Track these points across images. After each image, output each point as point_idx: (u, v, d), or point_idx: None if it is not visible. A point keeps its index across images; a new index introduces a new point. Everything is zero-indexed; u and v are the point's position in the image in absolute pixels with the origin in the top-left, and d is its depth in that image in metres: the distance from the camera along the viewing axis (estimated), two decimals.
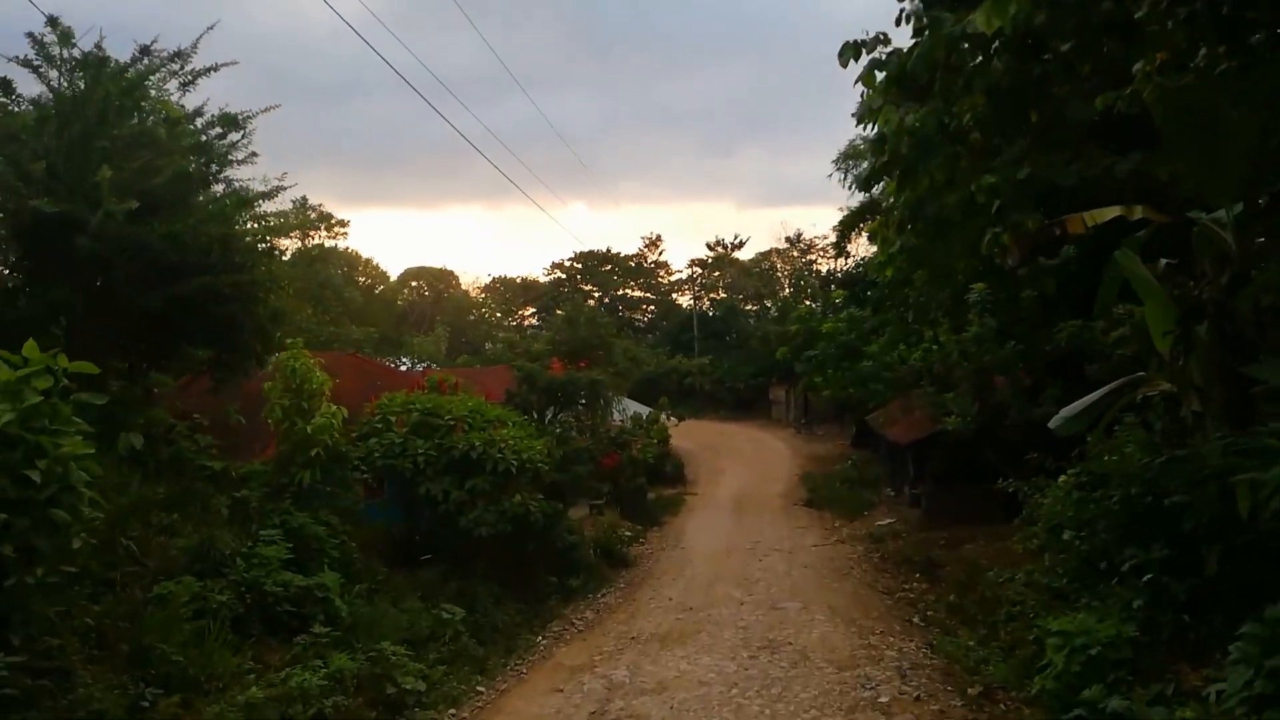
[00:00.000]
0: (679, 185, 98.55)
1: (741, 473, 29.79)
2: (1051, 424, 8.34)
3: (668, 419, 26.19)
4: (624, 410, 23.00)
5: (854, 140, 28.58)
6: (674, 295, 63.22)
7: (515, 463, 12.71)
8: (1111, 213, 7.66)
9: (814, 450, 34.81)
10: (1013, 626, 9.05)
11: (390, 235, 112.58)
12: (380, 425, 13.09)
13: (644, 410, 29.00)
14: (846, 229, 32.24)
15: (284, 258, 13.99)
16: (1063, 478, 9.93)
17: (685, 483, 28.23)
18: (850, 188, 29.72)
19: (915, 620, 11.69)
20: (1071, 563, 8.81)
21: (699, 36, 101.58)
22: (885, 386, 16.85)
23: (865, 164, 27.67)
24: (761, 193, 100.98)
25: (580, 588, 14.79)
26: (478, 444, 12.58)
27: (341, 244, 47.35)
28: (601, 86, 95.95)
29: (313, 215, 48.84)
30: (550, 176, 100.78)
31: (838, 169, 29.56)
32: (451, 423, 12.97)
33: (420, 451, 12.61)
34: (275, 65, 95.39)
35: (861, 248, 35.12)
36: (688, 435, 39.84)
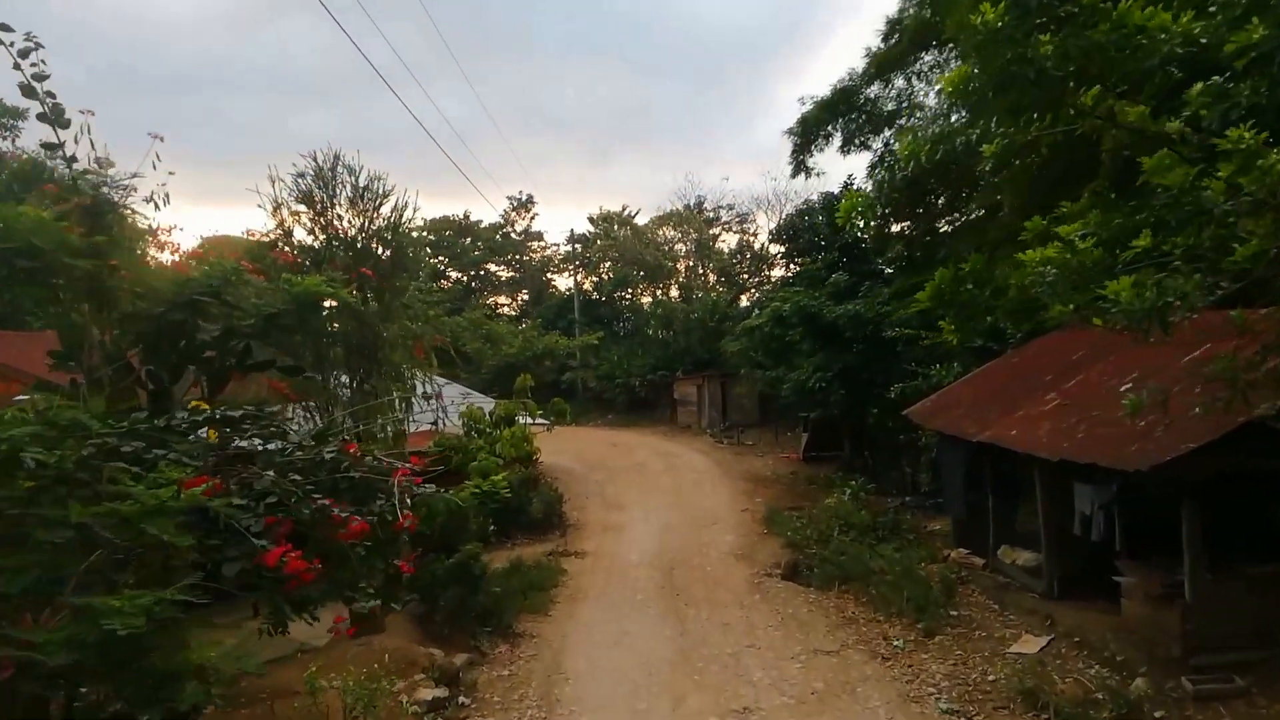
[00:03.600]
0: (557, 190, 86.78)
1: (658, 510, 18.39)
2: None
3: (527, 419, 14.16)
4: (445, 408, 11.09)
5: None
6: (549, 275, 51.22)
7: None
8: None
9: (751, 467, 23.93)
10: None
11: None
12: None
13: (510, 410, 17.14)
14: (810, 130, 21.67)
15: None
16: None
17: (565, 531, 16.52)
18: None
19: None
20: None
21: (574, 41, 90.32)
22: None
23: None
24: (641, 201, 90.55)
25: None
26: None
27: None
28: (476, 87, 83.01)
29: None
30: (435, 175, 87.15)
31: None
32: None
33: None
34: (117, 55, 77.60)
35: (830, 162, 24.47)
36: (568, 448, 28.19)
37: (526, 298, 51.70)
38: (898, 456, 20.25)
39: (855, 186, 24.88)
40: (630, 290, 45.03)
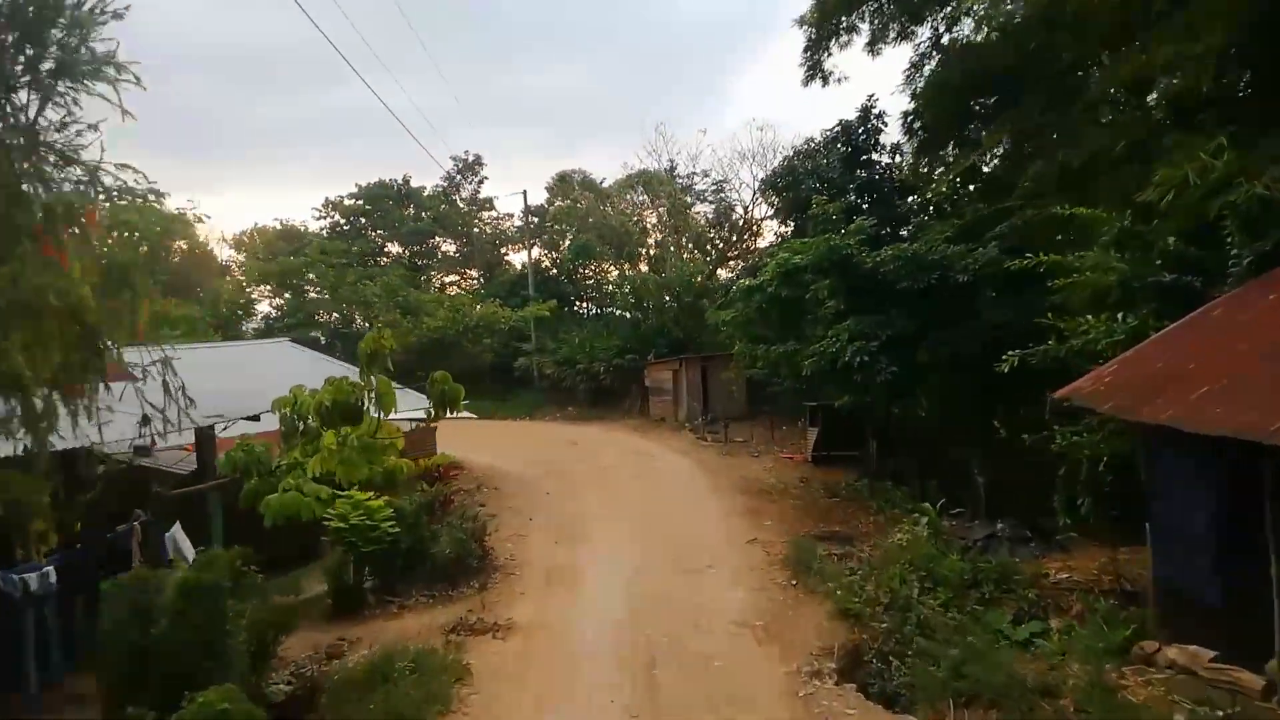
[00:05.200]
0: (521, 183, 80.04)
1: (628, 539, 12.85)
2: None
3: (367, 401, 7.77)
4: (181, 388, 5.24)
5: None
6: (503, 250, 45.06)
7: None
8: None
9: (748, 472, 18.51)
10: None
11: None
12: None
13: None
14: (830, 19, 16.18)
15: None
16: None
17: (488, 580, 10.92)
18: None
19: None
20: None
21: (536, 33, 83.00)
22: None
23: None
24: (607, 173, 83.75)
25: None
26: None
27: None
28: (435, 76, 75.61)
29: None
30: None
31: None
32: None
33: None
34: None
35: (854, 61, 19.09)
36: (516, 448, 22.75)
37: (477, 275, 45.55)
38: (962, 461, 15.04)
39: (879, 110, 19.65)
40: (594, 265, 39.25)
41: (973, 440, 14.32)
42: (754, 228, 35.93)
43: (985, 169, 15.01)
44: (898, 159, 19.77)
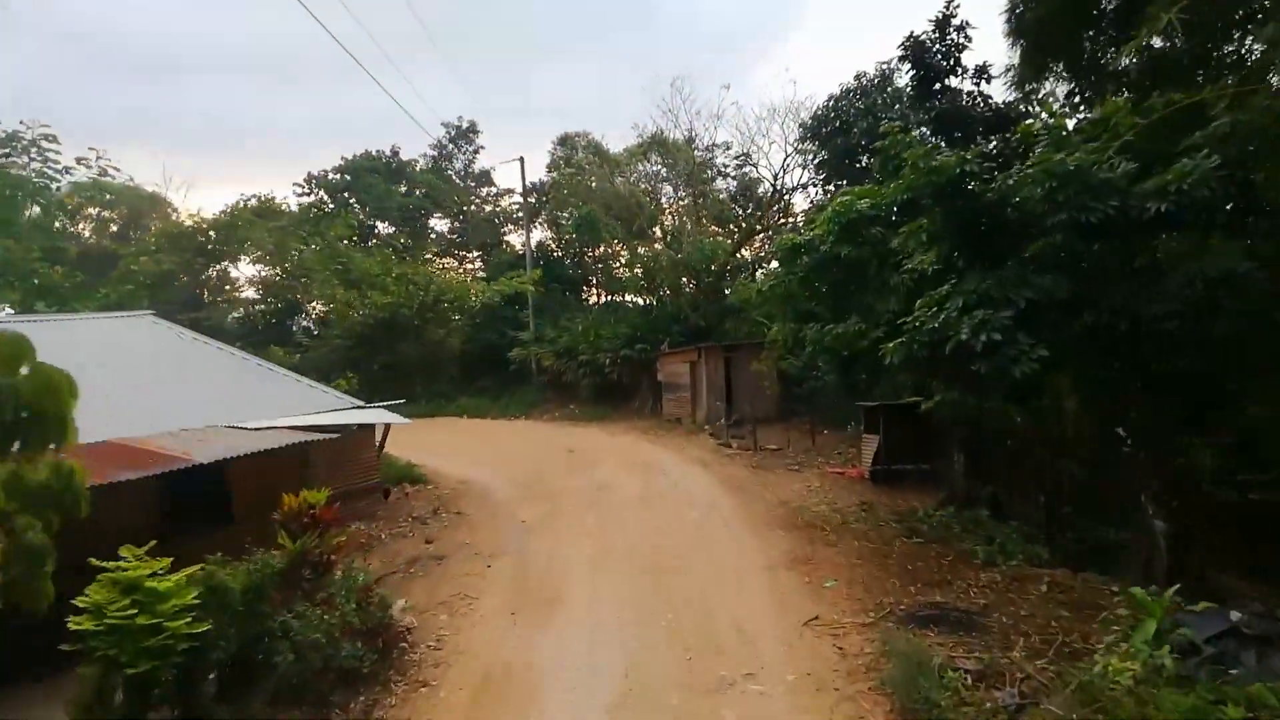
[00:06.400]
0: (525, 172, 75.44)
1: (620, 611, 8.45)
2: None
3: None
4: None
5: None
6: (503, 230, 40.65)
7: None
8: None
9: (789, 493, 14.07)
10: None
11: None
12: None
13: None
14: None
15: None
16: None
17: (381, 694, 6.62)
18: None
19: None
20: None
21: (543, 30, 78.18)
22: None
23: None
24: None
25: None
26: None
27: None
28: (445, 75, 71.39)
29: None
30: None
31: None
32: None
33: None
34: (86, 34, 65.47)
35: None
36: (498, 455, 18.57)
37: (474, 257, 41.18)
38: (1075, 482, 10.52)
39: (960, 21, 15.19)
40: (602, 247, 34.74)
41: (1131, 460, 9.79)
42: (783, 199, 31.31)
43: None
44: (983, 85, 15.20)
